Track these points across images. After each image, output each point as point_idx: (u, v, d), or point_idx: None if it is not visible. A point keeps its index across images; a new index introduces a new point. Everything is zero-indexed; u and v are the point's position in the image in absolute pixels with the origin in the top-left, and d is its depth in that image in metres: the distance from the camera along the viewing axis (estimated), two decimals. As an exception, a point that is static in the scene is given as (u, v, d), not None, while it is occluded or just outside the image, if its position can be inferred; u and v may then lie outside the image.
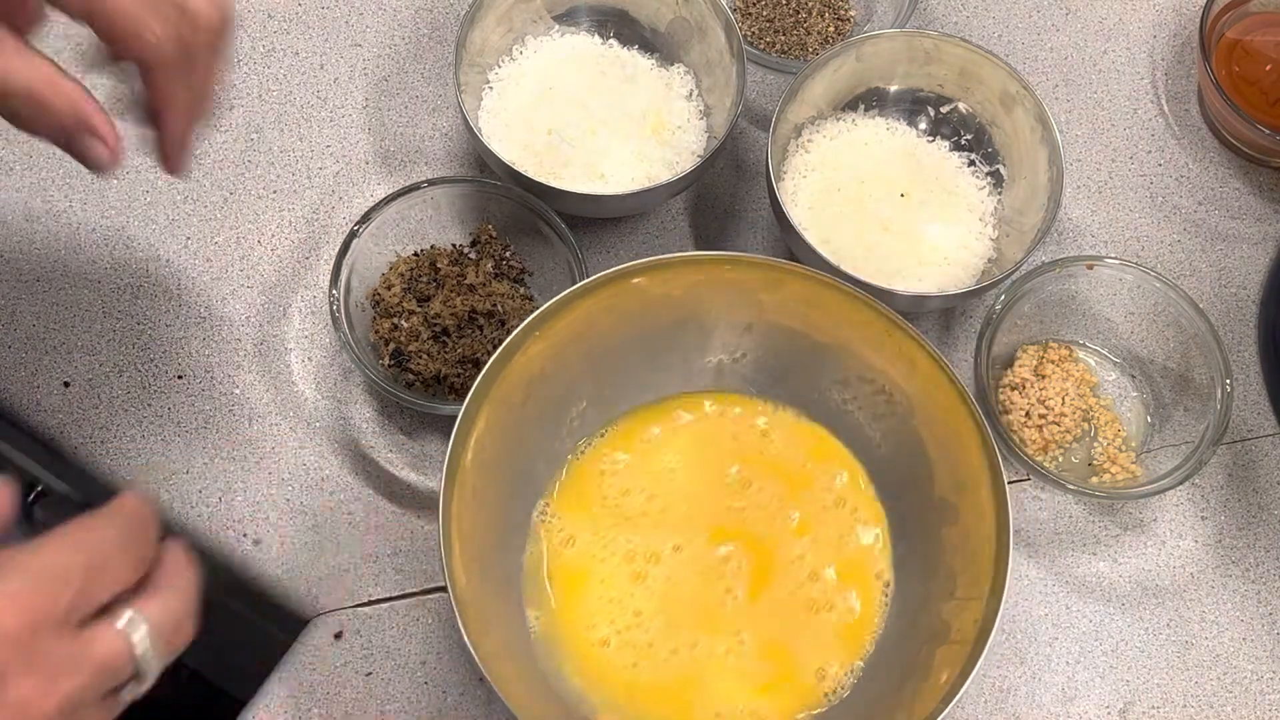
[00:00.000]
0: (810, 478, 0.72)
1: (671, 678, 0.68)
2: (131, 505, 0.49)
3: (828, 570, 0.70)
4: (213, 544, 0.74)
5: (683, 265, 0.69)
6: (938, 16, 0.90)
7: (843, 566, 0.71)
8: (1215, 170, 0.87)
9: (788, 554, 0.70)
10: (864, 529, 0.71)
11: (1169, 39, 0.91)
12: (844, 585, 0.70)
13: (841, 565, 0.71)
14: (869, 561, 0.71)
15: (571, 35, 0.83)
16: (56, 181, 0.80)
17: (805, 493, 0.72)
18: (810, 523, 0.71)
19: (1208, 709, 0.74)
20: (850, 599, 0.70)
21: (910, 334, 0.67)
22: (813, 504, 0.72)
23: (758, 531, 0.71)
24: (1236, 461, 0.80)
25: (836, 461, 0.73)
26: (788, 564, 0.70)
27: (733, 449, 0.73)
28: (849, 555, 0.71)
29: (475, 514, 0.65)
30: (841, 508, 0.72)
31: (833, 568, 0.70)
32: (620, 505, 0.71)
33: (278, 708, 0.71)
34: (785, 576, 0.70)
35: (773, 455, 0.73)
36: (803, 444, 0.73)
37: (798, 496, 0.72)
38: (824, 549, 0.71)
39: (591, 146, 0.78)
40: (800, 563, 0.70)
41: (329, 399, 0.77)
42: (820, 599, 0.70)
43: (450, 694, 0.72)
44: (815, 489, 0.72)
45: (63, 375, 0.76)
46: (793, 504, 0.72)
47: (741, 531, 0.71)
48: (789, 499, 0.72)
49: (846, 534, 0.71)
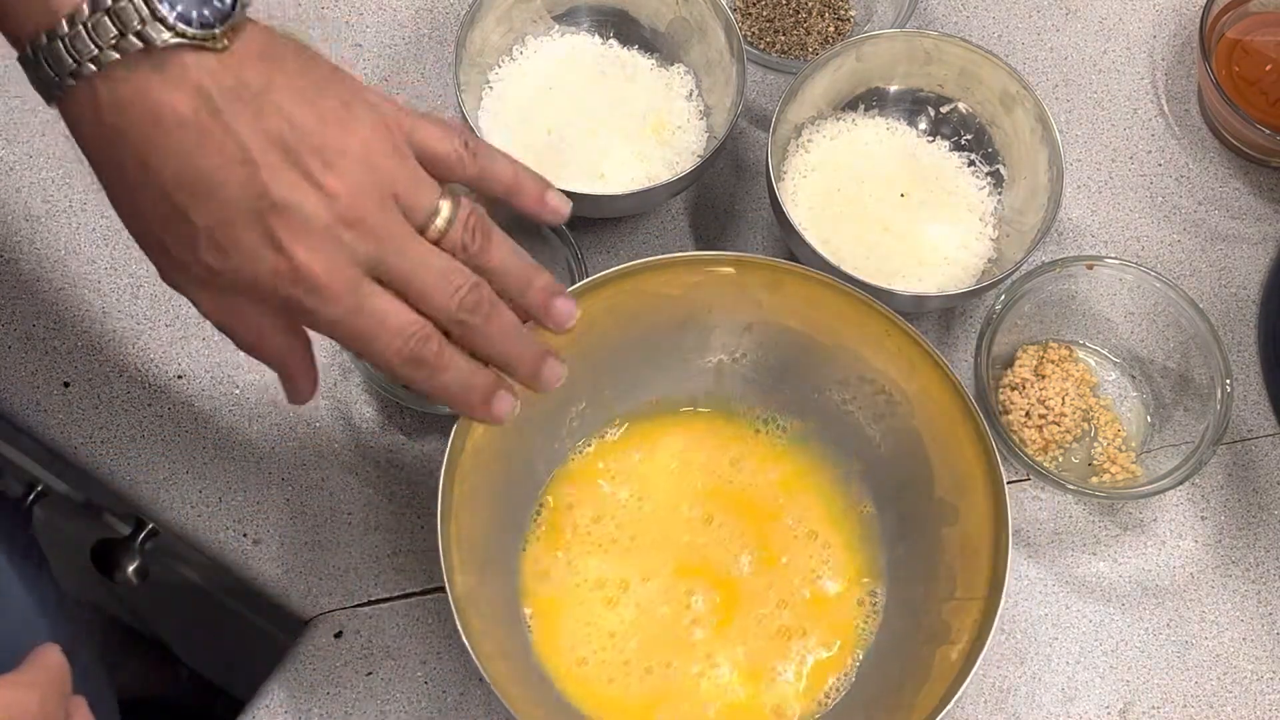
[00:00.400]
0: (780, 511, 0.72)
1: (649, 694, 0.68)
2: (53, 661, 0.49)
3: (799, 597, 0.70)
4: (213, 544, 0.74)
5: (683, 265, 0.68)
6: (938, 16, 0.90)
7: (815, 597, 0.70)
8: (1215, 170, 0.87)
9: (753, 588, 0.70)
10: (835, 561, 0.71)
11: (1169, 39, 0.91)
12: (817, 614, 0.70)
13: (814, 596, 0.70)
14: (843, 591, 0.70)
15: (571, 35, 0.83)
16: (56, 181, 0.80)
17: (773, 525, 0.72)
18: (777, 557, 0.71)
19: (1208, 709, 0.74)
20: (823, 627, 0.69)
21: (910, 334, 0.67)
22: (781, 536, 0.71)
23: (720, 567, 0.70)
24: (1236, 461, 0.80)
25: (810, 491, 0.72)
26: (753, 597, 0.70)
27: (702, 482, 0.72)
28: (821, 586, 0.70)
29: (475, 514, 0.65)
30: (813, 540, 0.71)
31: (806, 593, 0.70)
32: (591, 532, 0.71)
33: (278, 708, 0.71)
34: (753, 609, 0.70)
35: (741, 487, 0.72)
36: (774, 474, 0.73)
37: (764, 530, 0.71)
38: (793, 581, 0.70)
39: (591, 146, 0.78)
40: (767, 594, 0.70)
41: (328, 399, 0.77)
42: (794, 626, 0.69)
43: (450, 694, 0.72)
44: (785, 521, 0.72)
45: (63, 375, 0.76)
46: (758, 539, 0.71)
47: (705, 568, 0.71)
48: (754, 534, 0.71)
49: (818, 565, 0.71)
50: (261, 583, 0.74)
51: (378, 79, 0.85)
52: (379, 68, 0.85)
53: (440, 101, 0.84)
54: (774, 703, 0.68)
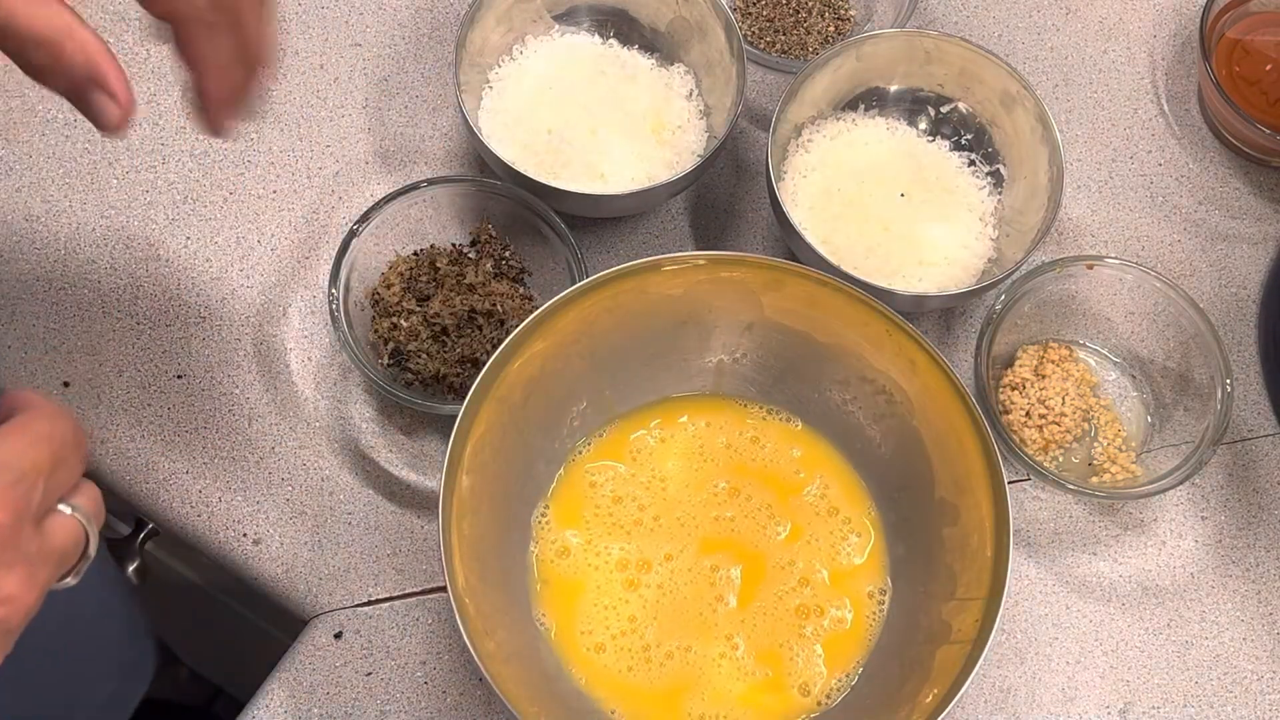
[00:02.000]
0: (801, 486, 0.72)
1: (667, 681, 0.68)
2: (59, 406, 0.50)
3: (819, 576, 0.70)
4: (213, 544, 0.74)
5: (683, 265, 0.68)
6: (938, 16, 0.90)
7: (835, 574, 0.71)
8: (1215, 170, 0.87)
9: (777, 562, 0.70)
10: (856, 537, 0.71)
11: (1169, 39, 0.91)
12: (836, 592, 0.70)
13: (834, 573, 0.71)
14: (862, 568, 0.71)
15: (571, 35, 0.83)
16: (56, 181, 0.80)
17: (795, 500, 0.72)
18: (801, 531, 0.71)
19: (1208, 709, 0.74)
20: (843, 605, 0.70)
21: (910, 334, 0.67)
22: (804, 512, 0.72)
23: (747, 540, 0.71)
24: (1236, 461, 0.80)
25: (829, 469, 0.73)
26: (777, 572, 0.70)
27: (724, 458, 0.73)
28: (841, 563, 0.71)
29: (475, 514, 0.65)
30: (834, 516, 0.72)
31: (824, 574, 0.70)
32: (613, 514, 0.71)
33: (278, 708, 0.71)
34: (775, 584, 0.70)
35: (764, 464, 0.73)
36: (795, 452, 0.73)
37: (788, 505, 0.72)
38: (815, 557, 0.71)
39: (591, 146, 0.78)
40: (790, 569, 0.70)
41: (328, 398, 0.77)
42: (811, 605, 0.70)
43: (450, 694, 0.72)
44: (806, 497, 0.72)
45: (63, 375, 0.76)
46: (783, 513, 0.72)
47: (731, 541, 0.71)
48: (779, 508, 0.72)
49: (838, 542, 0.71)
50: (261, 583, 0.74)
51: (378, 79, 0.85)
52: (379, 68, 0.85)
53: (440, 101, 0.84)
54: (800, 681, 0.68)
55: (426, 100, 0.84)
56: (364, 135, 0.83)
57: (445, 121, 0.84)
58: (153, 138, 0.82)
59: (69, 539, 0.48)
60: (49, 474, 0.46)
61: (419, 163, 0.83)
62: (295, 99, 0.84)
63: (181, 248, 0.79)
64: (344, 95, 0.84)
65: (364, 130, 0.83)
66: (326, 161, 0.82)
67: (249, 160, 0.82)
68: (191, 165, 0.81)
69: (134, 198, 0.80)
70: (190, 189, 0.81)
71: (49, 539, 0.47)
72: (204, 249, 0.79)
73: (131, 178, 0.81)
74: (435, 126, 0.84)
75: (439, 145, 0.83)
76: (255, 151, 0.82)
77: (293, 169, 0.82)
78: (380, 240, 0.76)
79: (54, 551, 0.47)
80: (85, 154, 0.81)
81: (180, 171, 0.81)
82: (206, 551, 0.75)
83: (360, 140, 0.83)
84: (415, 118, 0.84)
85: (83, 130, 0.81)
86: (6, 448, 0.46)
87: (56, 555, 0.47)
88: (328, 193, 0.81)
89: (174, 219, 0.80)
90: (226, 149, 0.82)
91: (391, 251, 0.77)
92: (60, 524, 0.48)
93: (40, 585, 0.46)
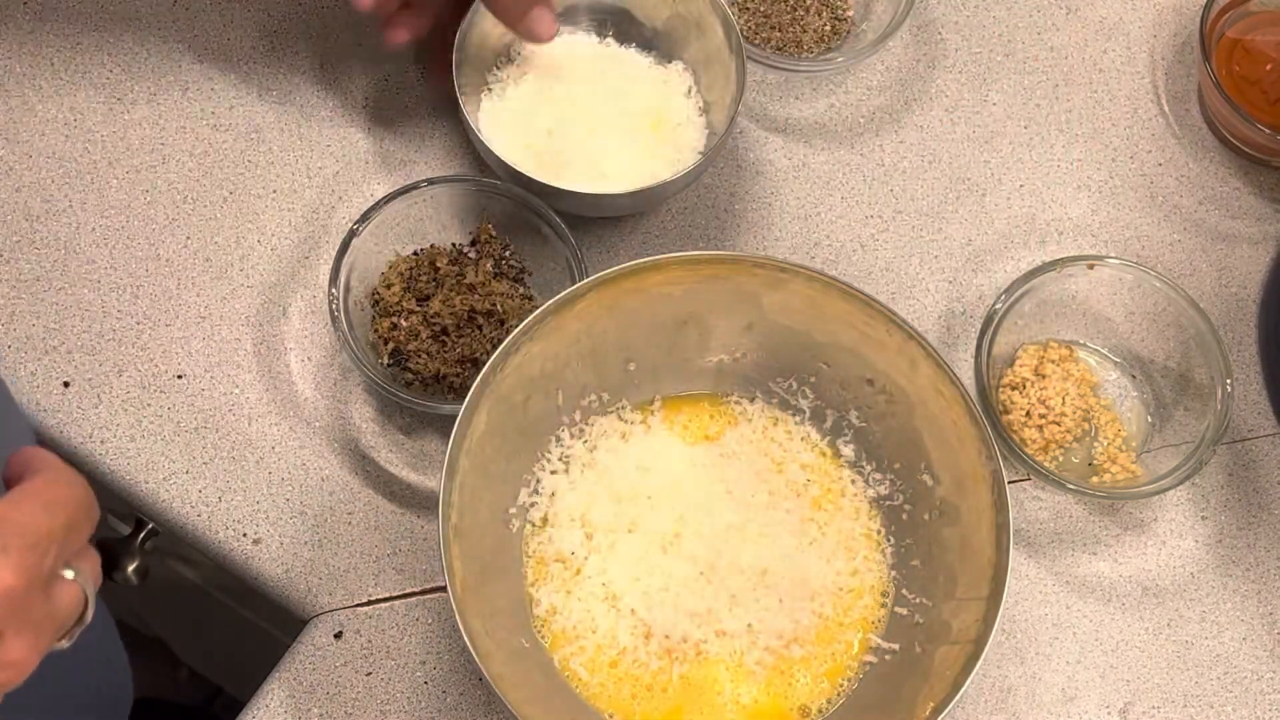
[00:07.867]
0: (801, 486, 0.72)
1: (666, 683, 0.68)
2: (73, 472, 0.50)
3: (819, 576, 0.70)
4: (213, 544, 0.74)
5: (683, 265, 0.68)
6: (937, 16, 0.90)
7: (835, 574, 0.70)
8: (1215, 170, 0.87)
9: (777, 562, 0.70)
10: (856, 538, 0.71)
11: (1169, 39, 0.91)
12: (836, 592, 0.70)
13: (834, 573, 0.70)
14: (862, 568, 0.71)
15: (570, 34, 0.83)
16: (56, 181, 0.80)
17: (796, 501, 0.72)
18: (801, 531, 0.71)
19: (1208, 709, 0.74)
20: (843, 605, 0.70)
21: (910, 334, 0.67)
22: (804, 512, 0.72)
23: (748, 541, 0.71)
24: (1236, 461, 0.80)
25: (829, 470, 0.73)
26: (781, 573, 0.70)
27: (725, 459, 0.73)
28: (841, 563, 0.71)
29: (475, 514, 0.65)
30: (834, 517, 0.72)
31: (825, 574, 0.70)
32: (614, 514, 0.71)
33: (278, 708, 0.71)
34: (775, 584, 0.70)
35: (764, 464, 0.73)
36: (795, 452, 0.73)
37: (788, 505, 0.72)
38: (815, 556, 0.71)
39: (591, 146, 0.78)
40: (790, 569, 0.70)
41: (328, 398, 0.77)
42: (811, 604, 0.70)
43: (450, 694, 0.72)
44: (806, 498, 0.72)
45: (63, 375, 0.76)
46: (783, 513, 0.71)
47: (732, 541, 0.71)
48: (780, 508, 0.71)
49: (838, 542, 0.71)
50: (261, 583, 0.74)
51: (378, 78, 0.85)
52: (379, 67, 0.85)
53: (440, 101, 0.84)
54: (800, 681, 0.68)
55: (427, 100, 0.84)
56: (364, 135, 0.83)
57: (445, 121, 0.84)
58: (153, 138, 0.81)
59: (71, 604, 0.48)
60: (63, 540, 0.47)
61: (419, 163, 0.83)
62: (295, 99, 0.84)
63: (182, 247, 0.79)
64: (344, 95, 0.84)
65: (364, 130, 0.83)
66: (326, 161, 0.82)
67: (249, 160, 0.82)
68: (191, 165, 0.81)
69: (134, 198, 0.80)
70: (190, 189, 0.81)
71: (53, 603, 0.47)
72: (204, 249, 0.79)
73: (131, 178, 0.81)
74: (435, 126, 0.84)
75: (439, 145, 0.83)
76: (255, 151, 0.82)
77: (293, 169, 0.82)
78: (380, 240, 0.76)
79: (58, 615, 0.47)
80: (85, 154, 0.81)
81: (180, 171, 0.81)
82: (206, 551, 0.75)
83: (360, 140, 0.83)
84: (415, 118, 0.84)
85: (83, 130, 0.81)
86: (23, 512, 0.46)
87: (60, 620, 0.48)
88: (327, 192, 0.81)
89: (174, 219, 0.80)
90: (227, 149, 0.82)
91: (391, 251, 0.77)
92: (64, 589, 0.48)
93: (42, 650, 0.46)
